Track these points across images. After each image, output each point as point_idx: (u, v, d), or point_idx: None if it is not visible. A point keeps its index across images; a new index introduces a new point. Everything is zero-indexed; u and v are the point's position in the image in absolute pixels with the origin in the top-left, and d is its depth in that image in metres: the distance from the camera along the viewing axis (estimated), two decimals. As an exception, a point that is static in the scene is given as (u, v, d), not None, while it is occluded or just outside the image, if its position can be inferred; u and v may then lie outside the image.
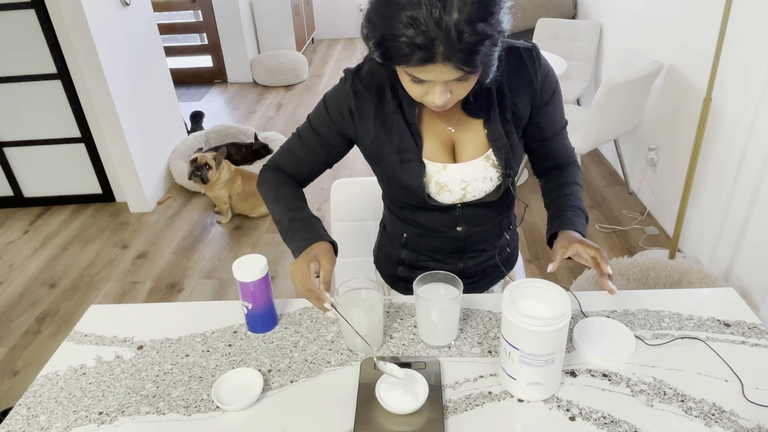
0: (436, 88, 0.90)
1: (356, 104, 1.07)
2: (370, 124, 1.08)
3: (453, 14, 0.79)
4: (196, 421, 0.94)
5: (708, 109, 2.10)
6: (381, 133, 1.08)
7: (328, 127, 1.12)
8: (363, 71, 1.07)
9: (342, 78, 1.09)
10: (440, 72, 0.85)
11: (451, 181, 1.09)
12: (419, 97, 0.95)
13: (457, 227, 1.18)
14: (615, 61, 3.45)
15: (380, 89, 1.06)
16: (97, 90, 2.98)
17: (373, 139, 1.09)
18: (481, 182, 1.10)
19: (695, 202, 2.57)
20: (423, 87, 0.91)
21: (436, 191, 1.11)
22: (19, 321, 2.51)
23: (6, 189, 3.41)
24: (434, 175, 1.09)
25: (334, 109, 1.10)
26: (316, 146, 1.14)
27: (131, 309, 1.21)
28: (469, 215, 1.16)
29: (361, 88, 1.06)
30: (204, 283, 2.71)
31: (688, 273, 2.17)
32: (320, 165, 1.18)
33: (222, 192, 3.15)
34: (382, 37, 0.83)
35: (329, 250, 1.05)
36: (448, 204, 1.13)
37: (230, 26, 5.36)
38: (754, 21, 2.09)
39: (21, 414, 0.97)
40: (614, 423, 0.90)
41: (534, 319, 0.86)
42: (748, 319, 1.10)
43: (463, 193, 1.11)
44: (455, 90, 0.92)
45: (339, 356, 1.05)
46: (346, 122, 1.10)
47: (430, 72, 0.85)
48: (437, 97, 0.91)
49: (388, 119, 1.07)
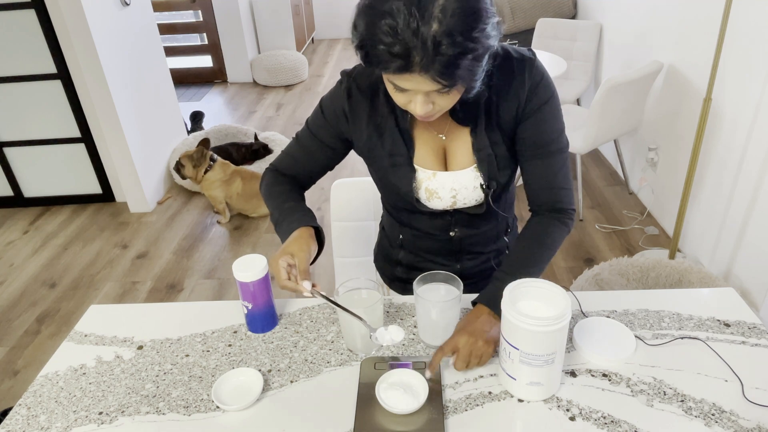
0: (418, 98, 0.89)
1: (350, 106, 1.07)
2: (364, 126, 1.08)
3: (432, 25, 0.77)
4: (196, 421, 0.94)
5: (708, 109, 2.10)
6: (374, 135, 1.08)
7: (325, 130, 1.12)
8: (357, 73, 1.07)
9: (338, 80, 1.09)
10: (418, 82, 0.84)
11: (441, 189, 1.09)
12: (403, 105, 0.94)
13: (450, 232, 1.18)
14: (615, 61, 3.45)
15: (374, 92, 1.06)
16: (97, 90, 2.98)
17: (366, 141, 1.09)
18: (471, 191, 1.09)
19: (695, 202, 2.57)
20: (405, 95, 0.90)
21: (426, 197, 1.11)
22: (19, 321, 2.51)
23: (6, 189, 3.41)
24: (424, 181, 1.09)
25: (329, 112, 1.10)
26: (314, 149, 1.15)
27: (131, 309, 1.21)
28: (463, 220, 1.16)
29: (355, 90, 1.06)
30: (204, 283, 2.71)
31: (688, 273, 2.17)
32: (320, 168, 1.18)
33: (217, 192, 3.14)
34: (363, 42, 0.83)
35: (301, 237, 1.04)
36: (439, 210, 1.13)
37: (230, 26, 5.36)
38: (754, 21, 2.09)
39: (21, 414, 0.97)
40: (614, 423, 0.90)
41: (534, 319, 0.86)
42: (748, 319, 1.10)
43: (453, 201, 1.11)
44: (438, 101, 0.91)
45: (339, 356, 1.05)
46: (341, 124, 1.10)
47: (408, 81, 0.85)
48: (418, 107, 0.90)
49: (381, 122, 1.07)
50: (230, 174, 3.15)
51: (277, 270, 1.00)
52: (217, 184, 3.13)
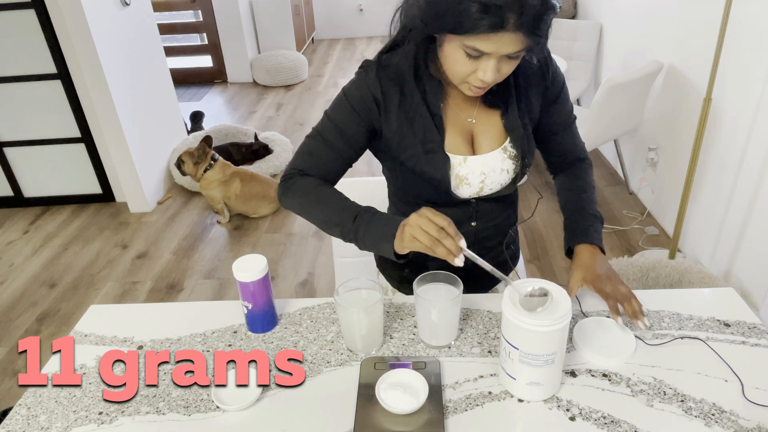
0: (491, 63, 0.90)
1: (382, 93, 1.05)
2: (394, 115, 1.06)
3: None
4: (196, 421, 0.94)
5: (708, 109, 2.10)
6: (405, 123, 1.06)
7: (353, 122, 1.07)
8: (386, 62, 1.05)
9: (360, 71, 1.07)
10: (504, 42, 0.86)
11: (471, 174, 1.10)
12: (465, 76, 0.94)
13: (472, 222, 1.18)
14: (615, 61, 3.45)
15: (402, 79, 1.05)
16: (97, 90, 2.97)
17: (397, 130, 1.07)
18: (499, 174, 1.11)
19: (695, 202, 2.57)
20: (476, 63, 0.91)
21: (456, 185, 1.10)
22: (19, 321, 2.51)
23: (6, 189, 3.41)
24: (455, 167, 1.09)
25: (357, 102, 1.06)
26: (340, 144, 1.08)
27: (131, 309, 1.21)
28: (484, 210, 1.17)
29: (386, 79, 1.05)
30: (204, 283, 2.71)
31: (688, 273, 2.17)
32: (345, 164, 1.12)
33: (215, 192, 3.14)
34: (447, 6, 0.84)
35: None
36: (465, 198, 1.13)
37: (230, 26, 5.36)
38: (754, 21, 2.09)
39: (21, 414, 0.97)
40: (614, 423, 0.90)
41: (534, 319, 0.86)
42: (748, 319, 1.10)
43: (481, 186, 1.11)
44: (503, 68, 0.93)
45: (339, 356, 1.05)
46: (372, 113, 1.06)
47: (494, 42, 0.86)
48: (489, 74, 0.91)
49: (411, 110, 1.06)
50: (230, 175, 3.14)
51: (427, 224, 0.92)
52: (215, 184, 3.12)
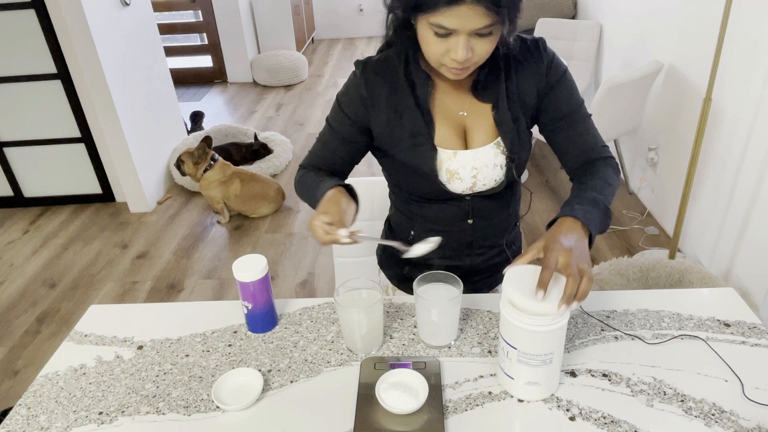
0: (460, 41, 0.91)
1: (368, 92, 1.08)
2: (383, 110, 1.08)
3: None
4: (196, 421, 0.94)
5: (708, 109, 2.10)
6: (393, 117, 1.08)
7: (345, 124, 1.12)
8: (373, 60, 1.09)
9: (352, 72, 1.10)
10: (468, 17, 0.87)
11: (462, 169, 1.10)
12: (439, 57, 0.95)
13: (468, 220, 1.18)
14: (615, 61, 3.45)
15: (392, 75, 1.07)
16: (97, 90, 2.98)
17: (386, 124, 1.09)
18: (492, 170, 1.11)
19: (695, 201, 2.57)
20: (446, 42, 0.92)
21: (447, 179, 1.11)
22: (19, 321, 2.51)
23: (6, 189, 3.41)
24: (445, 161, 1.09)
25: (347, 104, 1.11)
26: (337, 146, 1.15)
27: (131, 309, 1.21)
28: (480, 207, 1.17)
29: (371, 74, 1.08)
30: (204, 283, 2.71)
31: (688, 273, 2.17)
32: (346, 163, 1.18)
33: (214, 192, 3.14)
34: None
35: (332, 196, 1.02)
36: (458, 193, 1.13)
37: (230, 26, 5.36)
38: (754, 21, 2.09)
39: (21, 414, 0.97)
40: (614, 423, 0.90)
41: (532, 319, 0.86)
42: (748, 319, 1.10)
43: (474, 181, 1.11)
44: (477, 48, 0.93)
45: (339, 356, 1.05)
46: (359, 112, 1.10)
47: (457, 17, 0.87)
48: (459, 51, 0.91)
49: (400, 104, 1.08)
50: (229, 175, 3.14)
51: (314, 229, 0.97)
52: (215, 185, 3.12)
